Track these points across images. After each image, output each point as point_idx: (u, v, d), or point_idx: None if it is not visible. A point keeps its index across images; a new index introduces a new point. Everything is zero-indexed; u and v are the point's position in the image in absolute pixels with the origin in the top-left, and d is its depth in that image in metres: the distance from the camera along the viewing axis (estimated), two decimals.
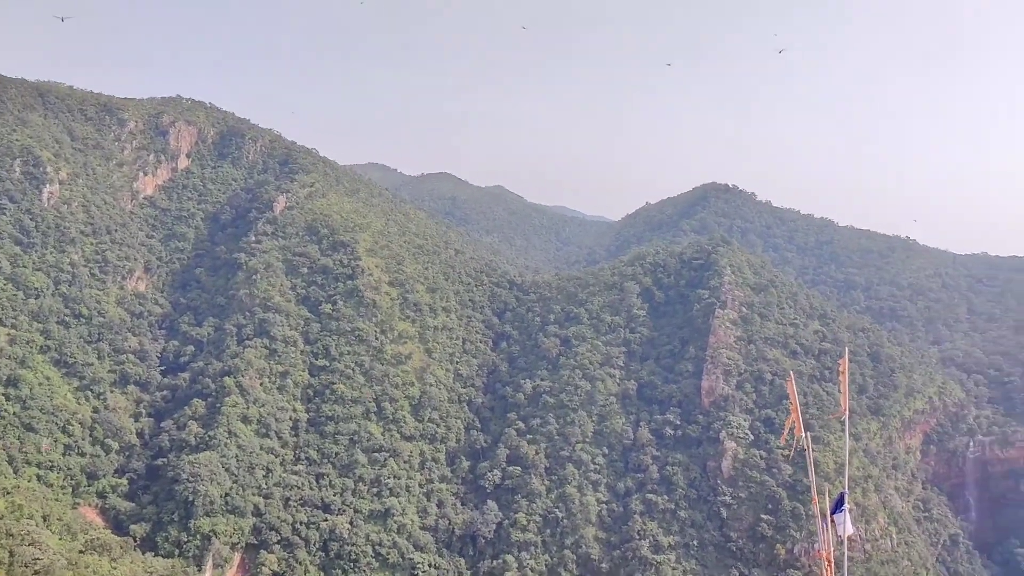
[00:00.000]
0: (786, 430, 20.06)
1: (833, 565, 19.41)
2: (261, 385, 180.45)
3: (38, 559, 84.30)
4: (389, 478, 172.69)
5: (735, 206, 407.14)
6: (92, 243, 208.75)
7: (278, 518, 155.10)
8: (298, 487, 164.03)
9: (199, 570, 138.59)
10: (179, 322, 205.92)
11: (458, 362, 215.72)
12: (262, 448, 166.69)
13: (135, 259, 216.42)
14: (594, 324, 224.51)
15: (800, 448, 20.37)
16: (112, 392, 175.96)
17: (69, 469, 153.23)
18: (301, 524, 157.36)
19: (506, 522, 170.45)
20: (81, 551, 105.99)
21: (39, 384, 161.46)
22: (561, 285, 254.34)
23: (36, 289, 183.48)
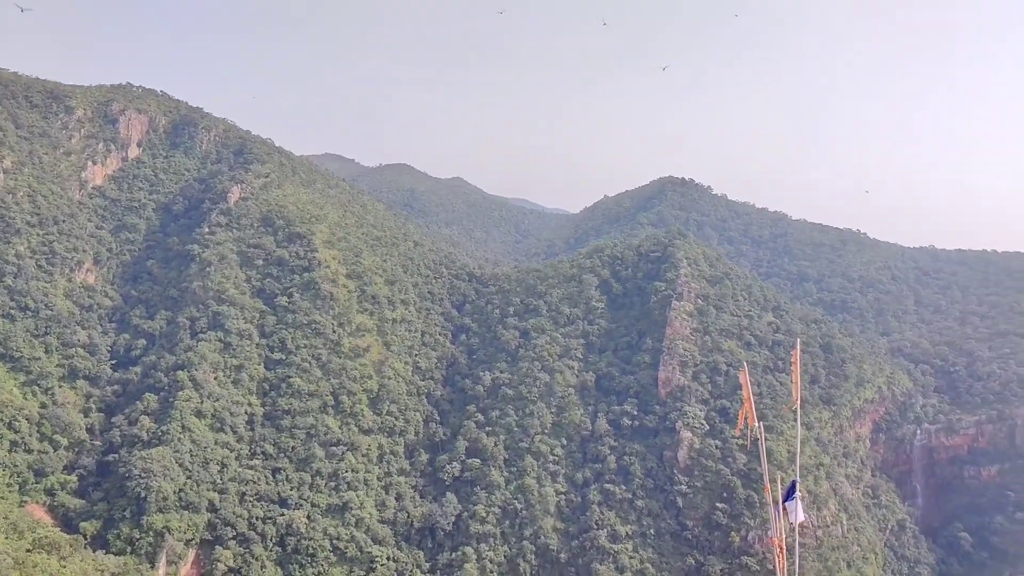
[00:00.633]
0: (741, 420, 20.41)
1: (785, 551, 19.80)
2: (215, 379, 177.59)
3: None
4: (347, 472, 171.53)
5: (691, 199, 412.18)
6: (38, 234, 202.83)
7: (234, 513, 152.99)
8: (254, 482, 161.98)
9: (152, 567, 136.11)
10: (130, 315, 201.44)
11: (417, 355, 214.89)
12: (217, 443, 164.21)
13: (84, 251, 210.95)
14: (553, 316, 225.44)
15: (754, 437, 20.73)
16: (60, 387, 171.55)
17: (16, 466, 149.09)
18: (257, 519, 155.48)
19: (465, 514, 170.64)
20: (28, 550, 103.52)
21: None
22: (520, 277, 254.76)
23: None
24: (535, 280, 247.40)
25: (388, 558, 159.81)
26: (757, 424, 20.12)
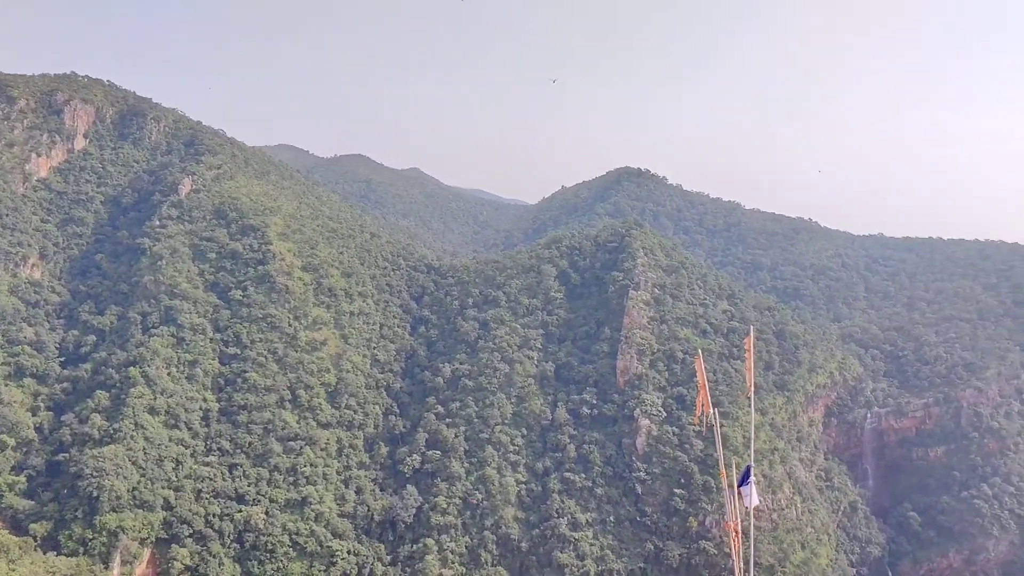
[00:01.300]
0: (699, 408, 20.74)
1: (741, 535, 20.19)
2: (168, 375, 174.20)
3: None
4: (305, 466, 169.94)
5: (647, 190, 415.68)
6: None
7: (190, 511, 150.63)
8: (210, 478, 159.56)
9: (106, 568, 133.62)
10: (79, 311, 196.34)
11: (375, 347, 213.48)
12: (171, 440, 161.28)
13: (29, 245, 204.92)
14: (512, 307, 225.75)
15: (709, 424, 21.06)
16: (7, 386, 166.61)
17: None
18: (214, 516, 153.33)
19: (426, 506, 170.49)
20: None
21: None
22: (479, 269, 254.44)
23: None
24: (494, 271, 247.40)
25: (348, 552, 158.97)
26: (712, 410, 20.45)
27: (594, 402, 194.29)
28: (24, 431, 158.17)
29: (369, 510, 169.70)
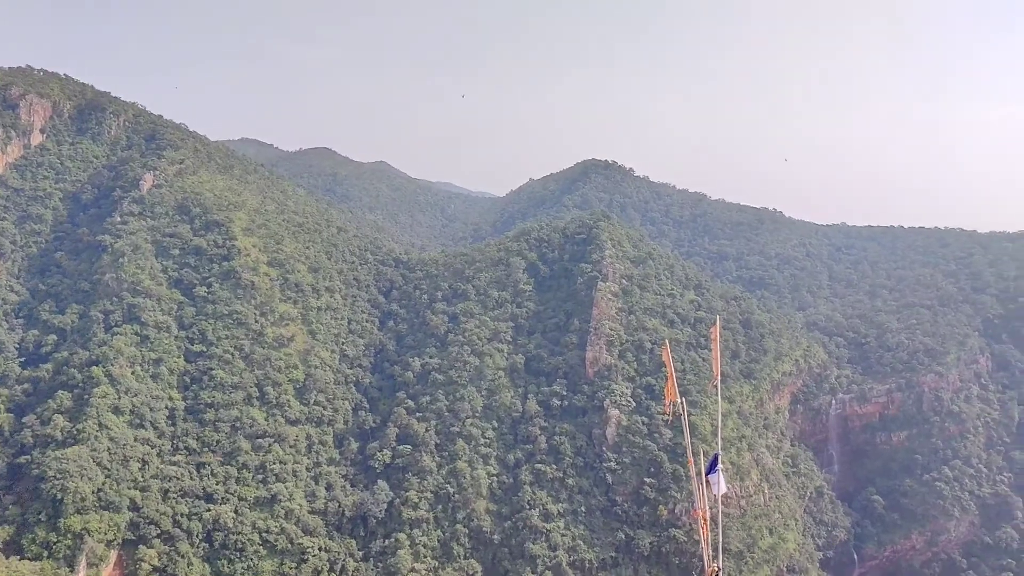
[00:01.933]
0: (667, 397, 20.84)
1: (709, 522, 20.36)
2: (133, 374, 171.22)
3: None
4: (275, 463, 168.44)
5: (615, 181, 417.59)
6: None
7: (157, 511, 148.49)
8: (177, 478, 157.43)
9: (72, 571, 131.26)
10: (38, 310, 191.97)
11: (344, 343, 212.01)
12: (136, 439, 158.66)
13: None
14: (481, 300, 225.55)
15: (678, 413, 21.17)
16: None
17: None
18: (182, 516, 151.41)
19: (397, 501, 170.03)
20: None
21: None
22: (448, 262, 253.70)
23: None
24: (463, 264, 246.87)
25: (320, 548, 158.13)
26: (680, 400, 20.56)
27: (564, 393, 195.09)
28: None
29: (340, 506, 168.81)
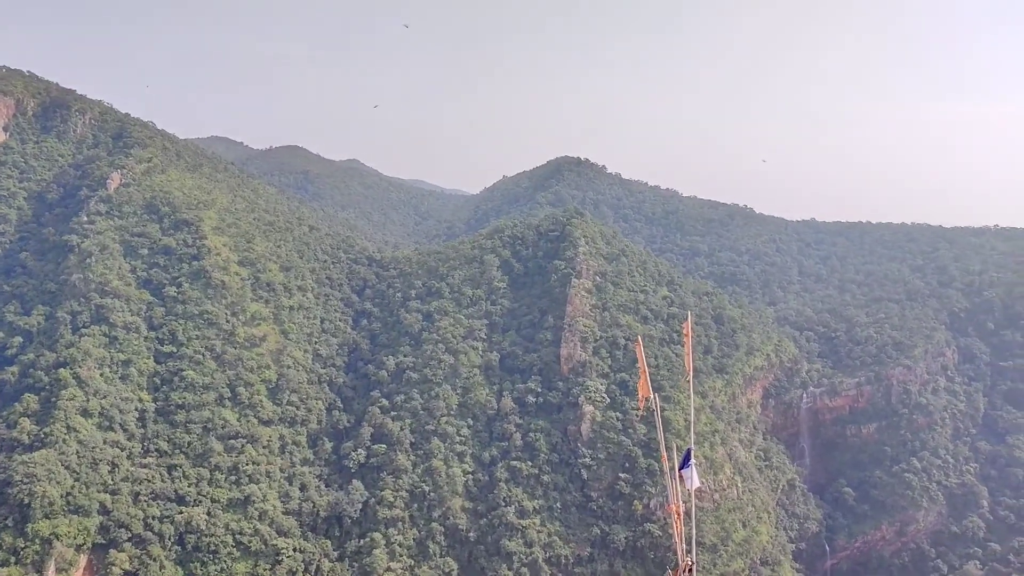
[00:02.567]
0: (640, 393, 20.91)
1: (682, 517, 20.47)
2: (101, 375, 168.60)
3: None
4: (247, 465, 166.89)
5: (587, 179, 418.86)
6: None
7: (127, 514, 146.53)
8: (148, 480, 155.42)
9: None
10: (3, 312, 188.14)
11: (317, 342, 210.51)
12: (106, 442, 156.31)
13: None
14: (456, 298, 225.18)
15: (650, 408, 21.26)
16: None
17: None
18: (154, 519, 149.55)
19: (372, 500, 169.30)
20: None
21: None
22: (422, 260, 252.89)
23: None
24: (436, 262, 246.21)
25: (294, 549, 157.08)
26: (653, 395, 20.65)
27: (539, 390, 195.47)
28: None
29: (314, 506, 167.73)
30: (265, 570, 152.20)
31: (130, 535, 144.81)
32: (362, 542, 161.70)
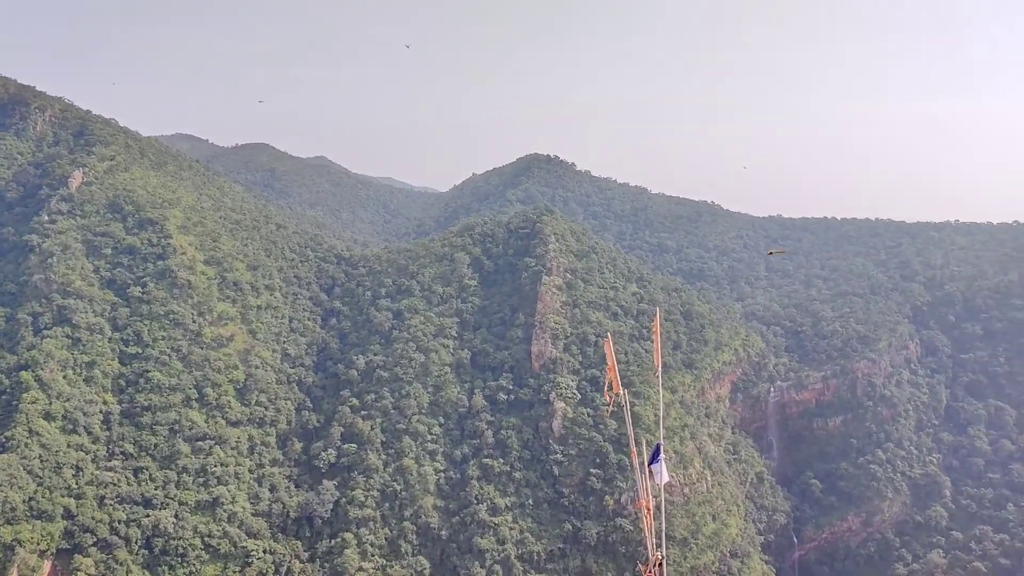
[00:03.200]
0: (606, 386, 21.04)
1: (653, 511, 20.63)
2: (64, 378, 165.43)
3: None
4: (216, 466, 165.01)
5: (557, 176, 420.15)
6: None
7: (93, 519, 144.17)
8: (114, 484, 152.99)
9: None
10: None
11: (285, 342, 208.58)
12: (70, 446, 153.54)
13: None
14: (426, 296, 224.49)
15: (621, 404, 21.39)
16: None
17: None
18: (120, 522, 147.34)
19: (343, 500, 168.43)
20: None
21: None
22: (391, 258, 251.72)
23: None
24: (406, 260, 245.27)
25: (264, 551, 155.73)
26: (623, 391, 20.78)
27: (510, 387, 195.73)
28: None
29: (284, 507, 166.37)
30: (235, 572, 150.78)
31: (96, 540, 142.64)
32: (333, 542, 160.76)
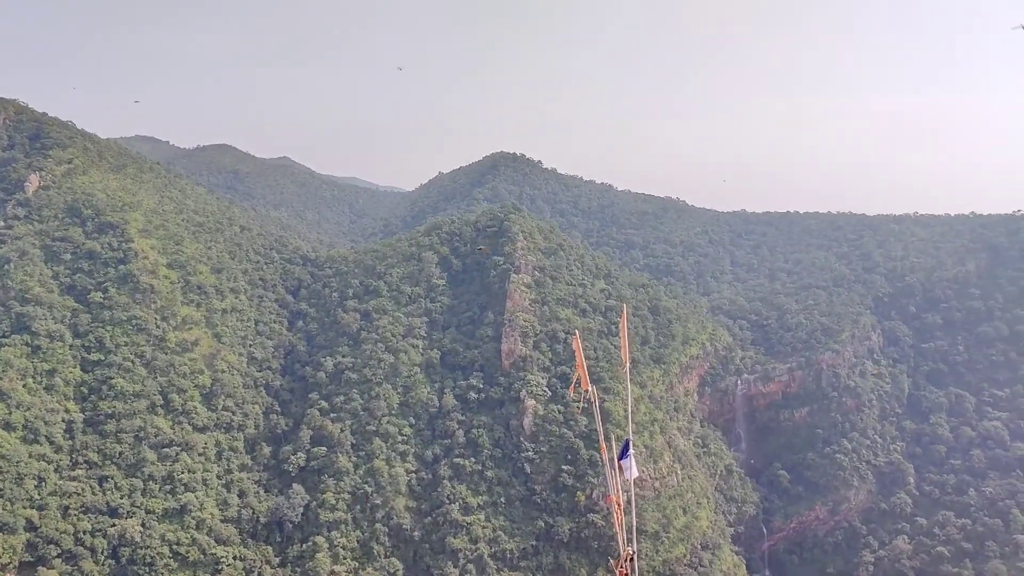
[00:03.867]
0: (573, 382, 21.08)
1: (623, 507, 20.69)
2: (24, 386, 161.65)
3: None
4: (183, 473, 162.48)
5: (523, 174, 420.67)
6: None
7: (57, 530, 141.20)
8: (78, 493, 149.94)
9: None
10: None
11: (251, 345, 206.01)
12: (31, 456, 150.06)
13: None
14: (394, 296, 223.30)
15: (589, 399, 21.43)
16: None
17: None
18: (85, 533, 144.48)
19: (314, 504, 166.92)
20: None
21: None
22: (358, 259, 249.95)
23: None
24: (373, 260, 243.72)
25: (235, 557, 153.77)
26: (591, 387, 20.81)
27: (481, 386, 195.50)
28: None
29: (254, 512, 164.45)
30: None
31: (60, 551, 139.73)
32: (304, 546, 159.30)
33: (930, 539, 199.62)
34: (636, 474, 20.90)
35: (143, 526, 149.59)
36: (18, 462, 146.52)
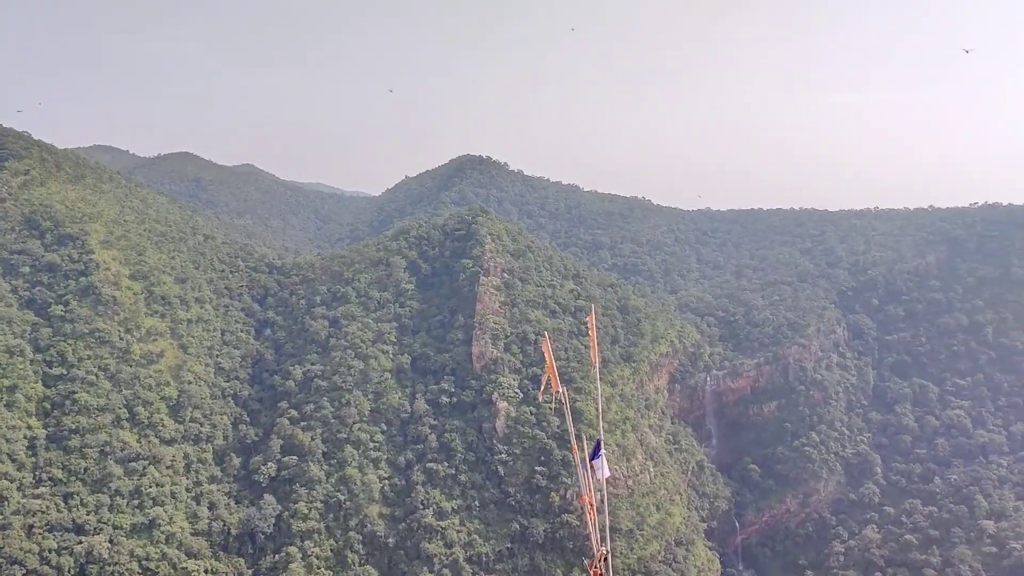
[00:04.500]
0: (543, 385, 21.04)
1: (595, 507, 20.72)
2: None
3: None
4: (150, 487, 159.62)
5: (490, 176, 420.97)
6: None
7: (21, 549, 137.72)
8: (43, 511, 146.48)
9: None
10: None
11: (218, 355, 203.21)
12: None
13: None
14: (363, 302, 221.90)
15: (559, 400, 21.43)
16: None
17: None
18: (51, 551, 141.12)
19: (286, 514, 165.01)
20: None
21: None
22: (325, 265, 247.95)
23: None
24: (341, 266, 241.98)
25: (206, 571, 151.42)
26: (561, 388, 20.81)
27: (452, 390, 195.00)
28: None
29: (225, 525, 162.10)
30: None
31: (25, 571, 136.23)
32: (277, 557, 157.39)
33: (898, 528, 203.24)
34: (608, 474, 20.94)
35: (111, 542, 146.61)
36: None
